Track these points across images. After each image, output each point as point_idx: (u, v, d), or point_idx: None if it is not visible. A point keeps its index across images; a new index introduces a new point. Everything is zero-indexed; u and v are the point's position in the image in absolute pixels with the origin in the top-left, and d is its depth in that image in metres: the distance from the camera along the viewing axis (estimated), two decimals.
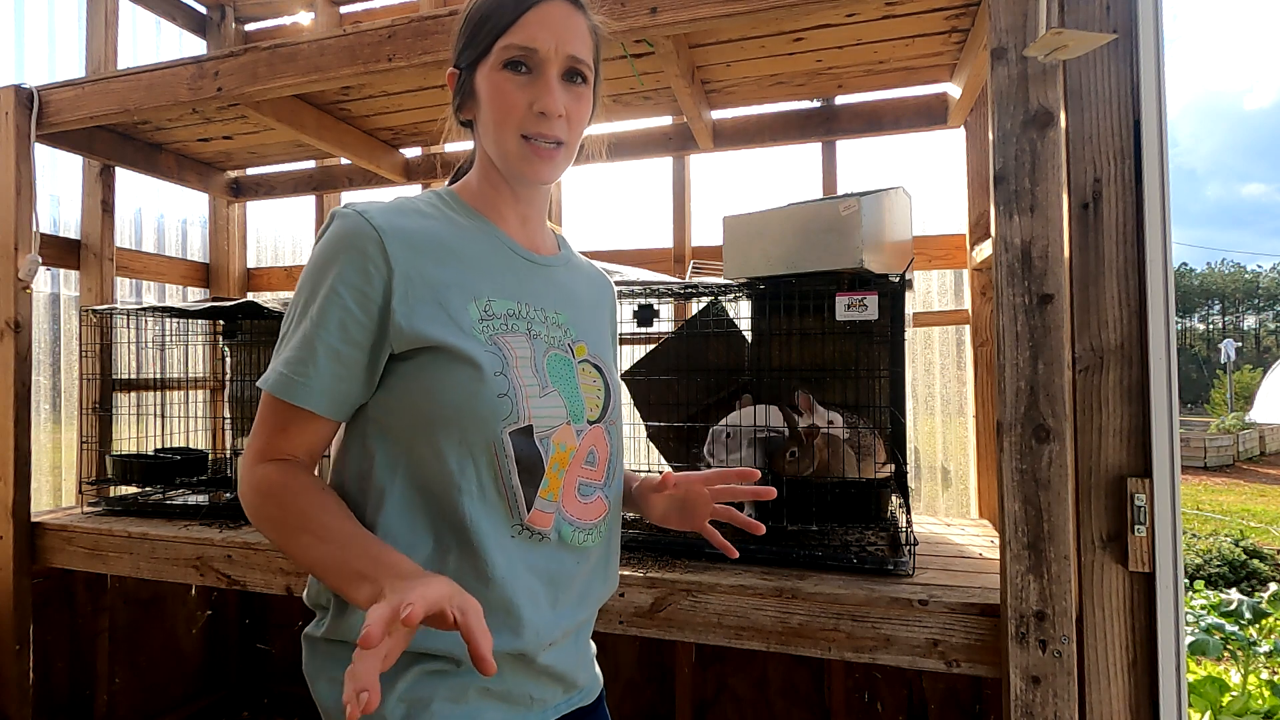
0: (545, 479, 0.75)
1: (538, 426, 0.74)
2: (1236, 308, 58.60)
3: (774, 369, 1.70)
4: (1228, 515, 8.15)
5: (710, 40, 1.77)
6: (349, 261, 0.71)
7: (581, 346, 0.84)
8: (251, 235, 2.93)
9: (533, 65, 0.76)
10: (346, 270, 0.71)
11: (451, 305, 0.73)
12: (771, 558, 1.48)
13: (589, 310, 0.89)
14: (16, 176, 1.94)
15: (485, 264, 0.78)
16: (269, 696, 2.67)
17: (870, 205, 1.42)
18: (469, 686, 0.73)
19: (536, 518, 0.75)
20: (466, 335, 0.72)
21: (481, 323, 0.74)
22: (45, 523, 1.96)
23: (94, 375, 2.17)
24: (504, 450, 0.72)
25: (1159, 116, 1.15)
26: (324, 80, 1.68)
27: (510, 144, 0.77)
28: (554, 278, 0.85)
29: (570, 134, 0.80)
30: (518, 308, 0.78)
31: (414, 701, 0.71)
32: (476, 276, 0.76)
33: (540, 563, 0.75)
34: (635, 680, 2.26)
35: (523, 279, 0.81)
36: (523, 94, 0.76)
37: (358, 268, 0.71)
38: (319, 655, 0.77)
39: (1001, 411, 1.16)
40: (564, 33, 0.77)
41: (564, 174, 0.85)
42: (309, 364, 0.71)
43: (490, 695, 0.75)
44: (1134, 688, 1.14)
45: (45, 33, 3.34)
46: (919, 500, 2.31)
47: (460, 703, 0.73)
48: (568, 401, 0.78)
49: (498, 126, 0.77)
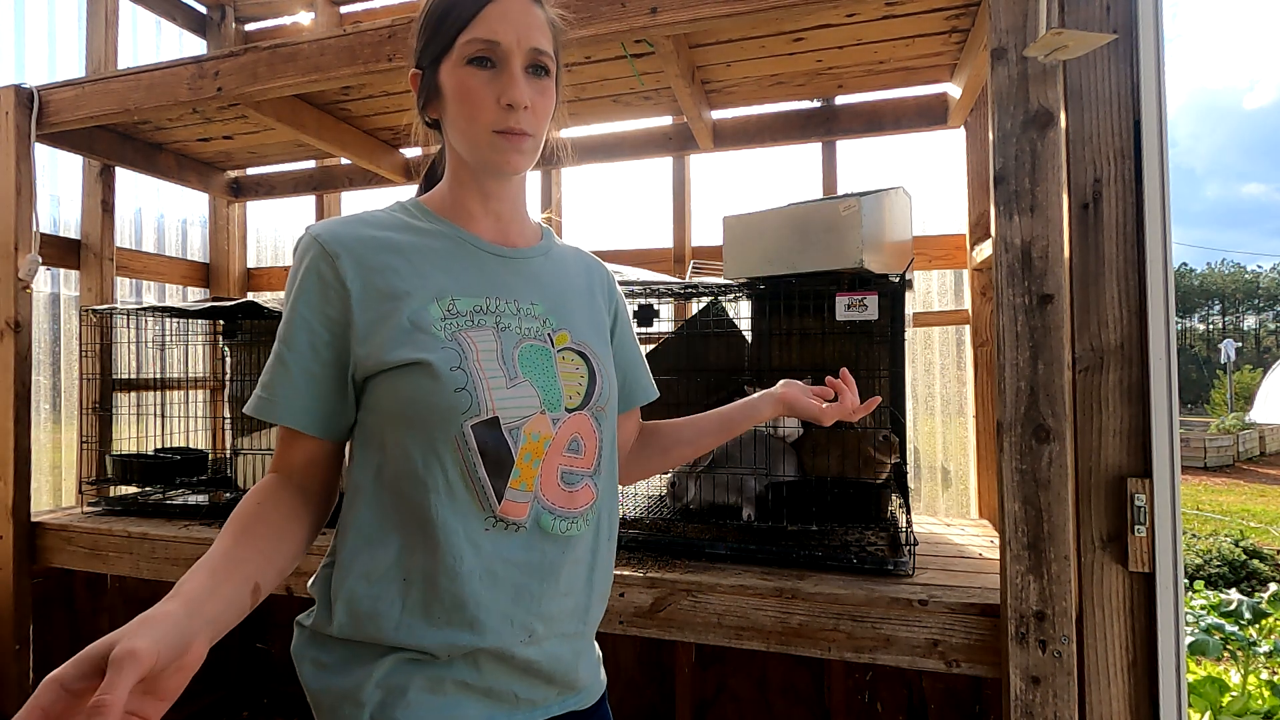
0: (516, 469, 0.74)
1: (505, 418, 0.74)
2: (1236, 308, 58.60)
3: (774, 369, 1.70)
4: (1228, 515, 8.15)
5: (710, 40, 1.77)
6: (309, 285, 0.75)
7: (563, 335, 0.83)
8: (251, 235, 2.93)
9: (497, 59, 0.77)
10: (309, 293, 0.75)
11: (410, 310, 0.74)
12: (772, 558, 1.48)
13: (575, 297, 0.88)
14: (16, 176, 1.94)
15: (447, 264, 0.79)
16: (269, 696, 2.67)
17: (870, 205, 1.42)
18: (445, 679, 0.73)
19: (509, 508, 0.74)
20: (427, 335, 0.73)
21: (444, 321, 0.75)
22: (45, 523, 1.96)
23: (94, 375, 2.17)
24: (467, 444, 0.72)
25: (1159, 116, 1.15)
26: (324, 80, 1.68)
27: (481, 137, 0.78)
28: (529, 269, 0.85)
29: (537, 126, 0.80)
30: (485, 303, 0.78)
31: (390, 689, 0.71)
32: (439, 278, 0.77)
33: (518, 554, 0.75)
34: (635, 680, 2.26)
35: (491, 274, 0.81)
36: (489, 89, 0.77)
37: (318, 292, 0.75)
38: (305, 639, 0.78)
39: (1001, 411, 1.16)
40: (524, 26, 0.77)
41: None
42: (282, 385, 0.74)
43: (470, 690, 0.74)
44: (1134, 688, 1.14)
45: (45, 33, 3.34)
46: (919, 500, 2.31)
47: (438, 694, 0.73)
48: (541, 391, 0.78)
49: (468, 121, 0.78)
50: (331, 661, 0.74)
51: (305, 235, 0.78)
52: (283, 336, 0.75)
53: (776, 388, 1.02)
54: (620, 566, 1.47)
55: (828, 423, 0.99)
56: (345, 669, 0.73)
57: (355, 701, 0.71)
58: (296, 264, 0.77)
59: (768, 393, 1.01)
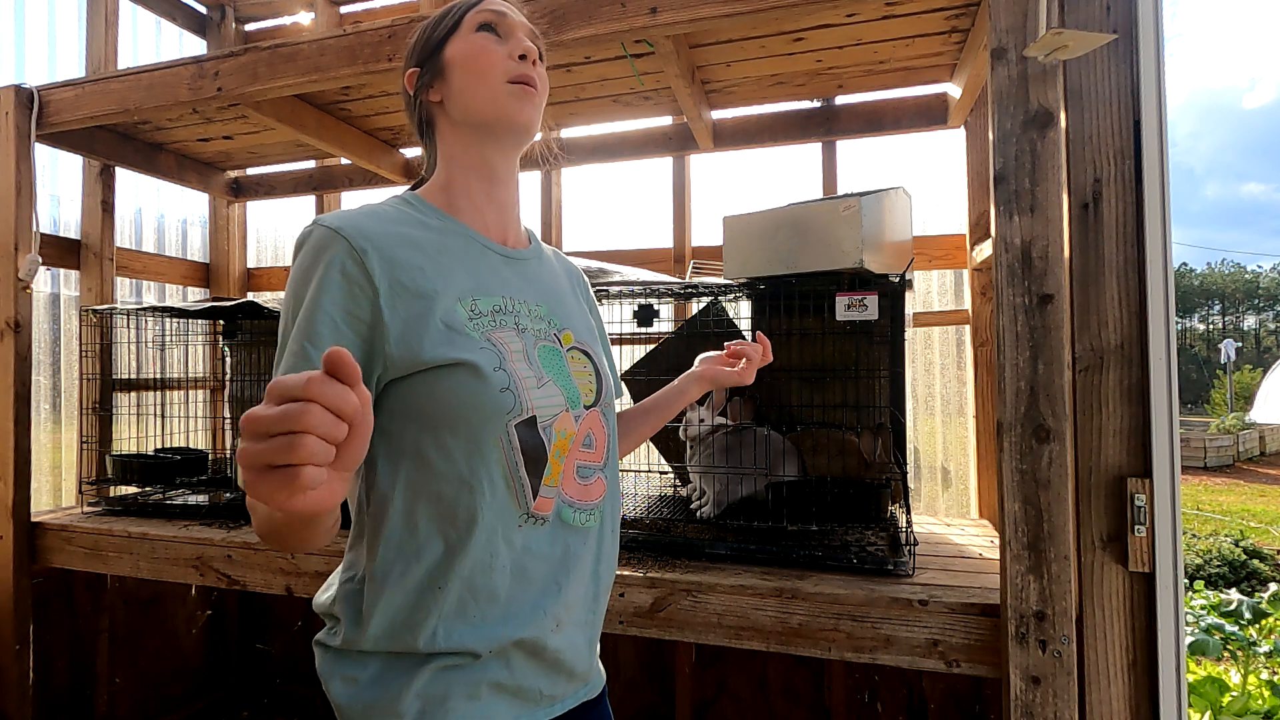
0: (549, 465, 0.76)
1: (540, 416, 0.75)
2: (1236, 308, 58.59)
3: (774, 369, 1.70)
4: (1228, 515, 8.15)
5: (710, 40, 1.77)
6: (333, 282, 0.70)
7: (568, 334, 0.85)
8: (251, 235, 2.93)
9: (502, 31, 0.83)
10: (333, 290, 0.70)
11: (441, 310, 0.73)
12: (771, 558, 1.48)
13: (568, 299, 0.90)
14: (16, 176, 1.94)
15: (465, 263, 0.78)
16: (269, 696, 2.67)
17: (870, 205, 1.42)
18: (481, 683, 0.73)
19: (540, 504, 0.76)
20: (462, 335, 0.73)
21: (471, 321, 0.74)
22: (45, 523, 1.96)
23: (94, 375, 2.17)
24: (511, 443, 0.73)
25: (1159, 117, 1.15)
26: (324, 80, 1.68)
27: (498, 88, 0.81)
28: (529, 271, 0.86)
29: (543, 91, 0.85)
30: (503, 303, 0.79)
31: (429, 698, 0.72)
32: (460, 277, 0.77)
33: (545, 547, 0.77)
34: (635, 680, 2.26)
35: (503, 275, 0.82)
36: (500, 47, 0.82)
37: (343, 289, 0.70)
38: (331, 657, 0.77)
39: (1001, 411, 1.16)
40: (519, 17, 0.85)
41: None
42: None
43: (503, 691, 0.75)
44: (1134, 688, 1.14)
45: (45, 33, 3.34)
46: (919, 500, 2.31)
47: (475, 699, 0.73)
48: (564, 390, 0.79)
49: (480, 77, 0.81)
50: (365, 677, 0.74)
51: (322, 229, 0.72)
52: (305, 333, 0.69)
53: (696, 366, 1.07)
54: (620, 566, 1.47)
55: (749, 381, 1.06)
56: (380, 682, 0.73)
57: (394, 713, 0.71)
58: (312, 257, 0.72)
59: (690, 373, 1.07)
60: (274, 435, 0.43)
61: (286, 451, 0.42)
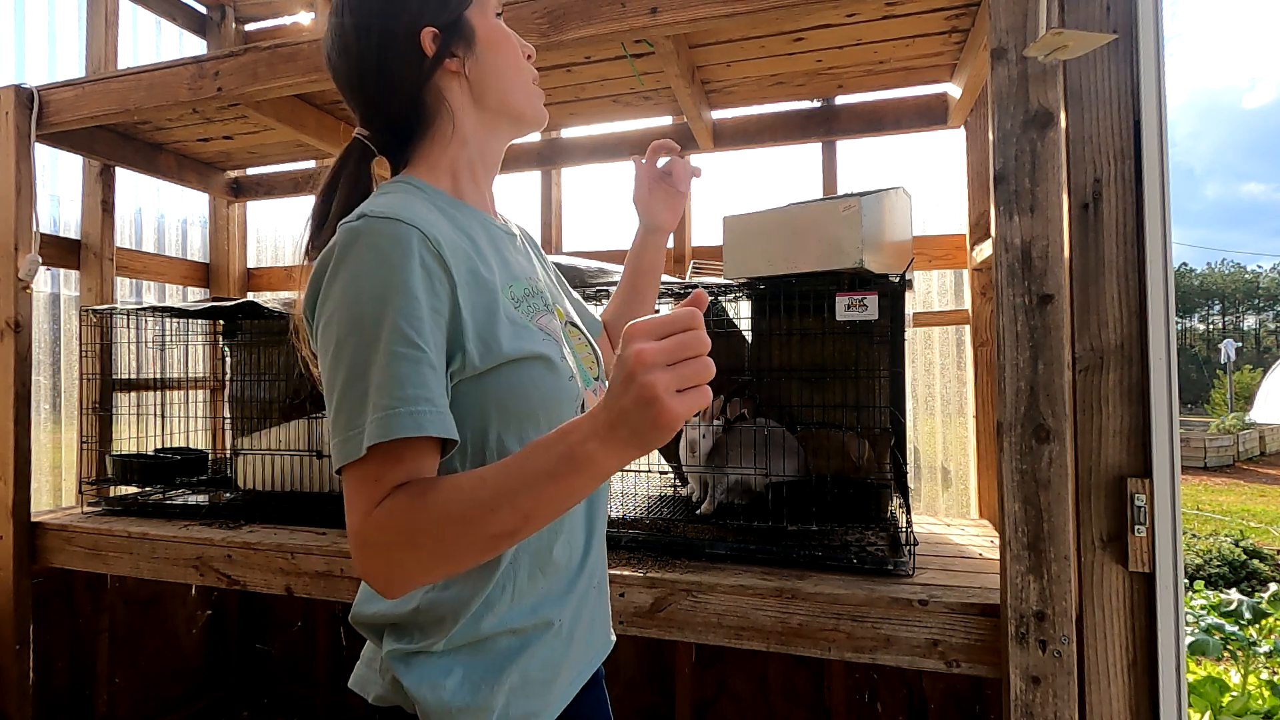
0: None
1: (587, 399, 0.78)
2: (1236, 308, 58.59)
3: (774, 369, 1.70)
4: (1228, 515, 8.15)
5: (710, 40, 1.77)
6: (415, 277, 0.64)
7: (559, 310, 0.84)
8: (251, 235, 2.93)
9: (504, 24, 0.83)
10: (419, 285, 0.64)
11: (499, 302, 0.71)
12: (771, 558, 1.48)
13: (540, 270, 0.88)
14: (16, 176, 1.94)
15: (495, 251, 0.76)
16: (269, 696, 2.67)
17: (870, 205, 1.42)
18: (560, 664, 0.76)
19: None
20: (523, 326, 0.72)
21: (518, 309, 0.73)
22: (45, 523, 1.96)
23: (94, 375, 2.17)
24: None
25: (1159, 117, 1.15)
26: (324, 80, 1.67)
27: (529, 86, 0.82)
28: (520, 248, 0.85)
29: None
30: (529, 286, 0.78)
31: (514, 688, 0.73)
32: (498, 265, 0.74)
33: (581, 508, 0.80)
34: (635, 680, 2.26)
35: (517, 257, 0.81)
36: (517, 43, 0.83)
37: (426, 285, 0.65)
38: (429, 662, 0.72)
39: (1001, 411, 1.16)
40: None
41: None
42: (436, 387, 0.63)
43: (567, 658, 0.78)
44: (1134, 688, 1.14)
45: (45, 33, 3.34)
46: (919, 500, 2.31)
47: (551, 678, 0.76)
48: (580, 369, 0.80)
49: (515, 70, 0.81)
50: (451, 682, 0.71)
51: (388, 220, 0.65)
52: (406, 337, 0.62)
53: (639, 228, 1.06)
54: (620, 566, 1.47)
55: (685, 187, 1.05)
56: (466, 682, 0.71)
57: (485, 709, 0.71)
58: (390, 244, 0.64)
59: (637, 231, 1.06)
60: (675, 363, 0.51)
61: (706, 372, 0.52)
